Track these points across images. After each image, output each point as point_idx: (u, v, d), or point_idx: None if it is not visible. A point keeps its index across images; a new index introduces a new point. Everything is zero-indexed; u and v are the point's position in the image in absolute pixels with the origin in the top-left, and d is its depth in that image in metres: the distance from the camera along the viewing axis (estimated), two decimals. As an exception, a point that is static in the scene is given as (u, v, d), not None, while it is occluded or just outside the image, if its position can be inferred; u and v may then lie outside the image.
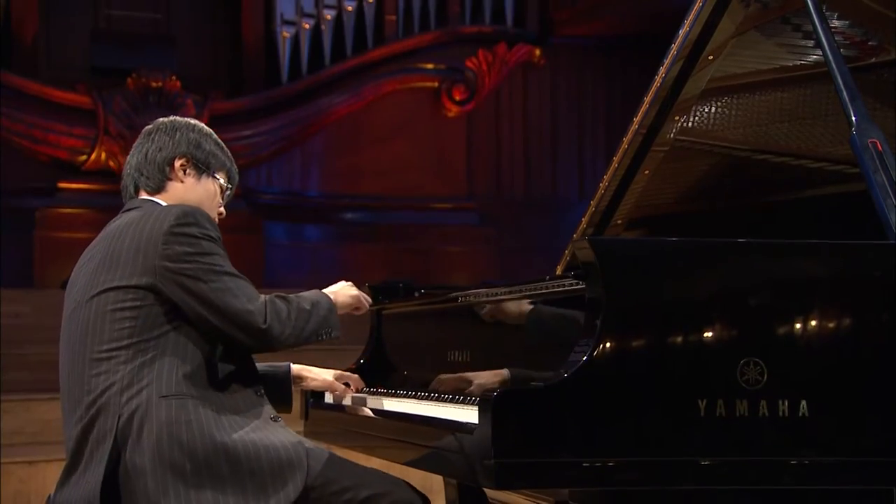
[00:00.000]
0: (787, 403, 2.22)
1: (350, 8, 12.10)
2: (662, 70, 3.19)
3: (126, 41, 12.01)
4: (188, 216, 2.51)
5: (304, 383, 3.02)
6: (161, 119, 2.82)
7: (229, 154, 2.84)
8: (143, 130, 2.80)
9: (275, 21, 11.89)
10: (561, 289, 2.43)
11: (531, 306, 2.58)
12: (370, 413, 2.89)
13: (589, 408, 2.15)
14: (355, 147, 11.96)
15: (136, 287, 2.47)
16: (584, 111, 12.66)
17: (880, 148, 2.53)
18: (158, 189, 2.70)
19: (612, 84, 12.24)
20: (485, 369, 2.75)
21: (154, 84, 11.18)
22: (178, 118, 2.82)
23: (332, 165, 11.99)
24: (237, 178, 2.86)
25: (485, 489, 3.17)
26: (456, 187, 12.27)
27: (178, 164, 2.71)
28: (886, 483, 2.27)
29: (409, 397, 2.78)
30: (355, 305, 2.85)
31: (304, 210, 11.81)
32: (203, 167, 2.74)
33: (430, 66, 12.24)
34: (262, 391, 2.63)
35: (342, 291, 2.82)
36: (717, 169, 3.58)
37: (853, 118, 2.58)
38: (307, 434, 3.31)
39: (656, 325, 2.21)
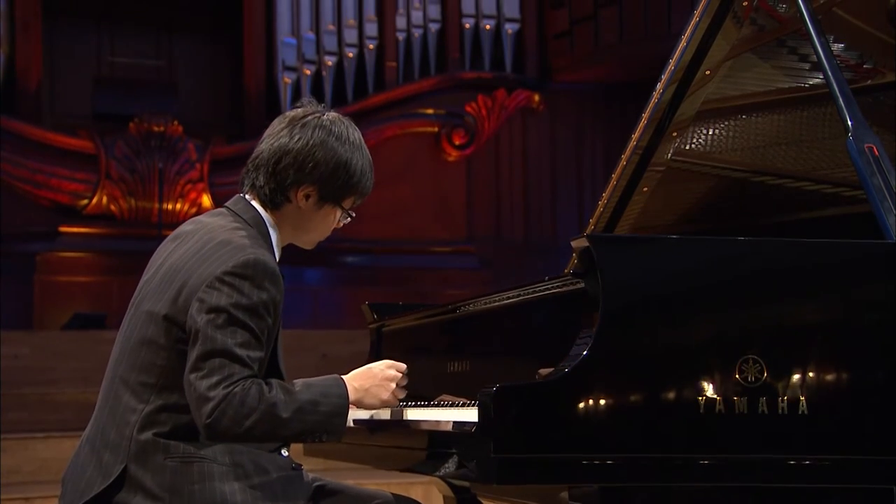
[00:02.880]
0: (786, 401, 2.23)
1: (351, 55, 12.20)
2: (660, 86, 3.22)
3: (129, 88, 12.11)
4: (249, 268, 2.33)
5: None
6: (311, 118, 2.53)
7: (367, 170, 2.56)
8: (289, 121, 2.54)
9: (276, 67, 11.99)
10: (561, 289, 2.44)
11: None
12: (369, 424, 2.88)
13: (588, 404, 2.16)
14: (356, 191, 12.01)
15: (172, 320, 2.36)
16: (583, 156, 12.73)
17: (877, 153, 2.56)
18: (272, 206, 2.52)
19: (611, 129, 12.31)
20: (485, 378, 2.76)
21: (156, 128, 11.26)
22: (326, 122, 2.53)
23: (333, 209, 12.00)
24: (370, 190, 2.60)
25: (482, 501, 3.16)
26: (456, 231, 12.30)
27: (301, 193, 2.50)
28: (886, 482, 2.27)
29: (409, 407, 2.78)
30: (380, 409, 2.59)
31: (305, 253, 11.74)
32: (328, 198, 2.52)
33: (430, 111, 12.32)
34: (287, 448, 2.51)
35: (374, 391, 2.52)
36: (716, 191, 3.60)
37: (849, 122, 2.61)
38: (306, 452, 3.30)
39: (655, 322, 2.22)
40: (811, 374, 2.25)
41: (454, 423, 2.36)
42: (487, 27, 12.54)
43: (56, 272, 11.05)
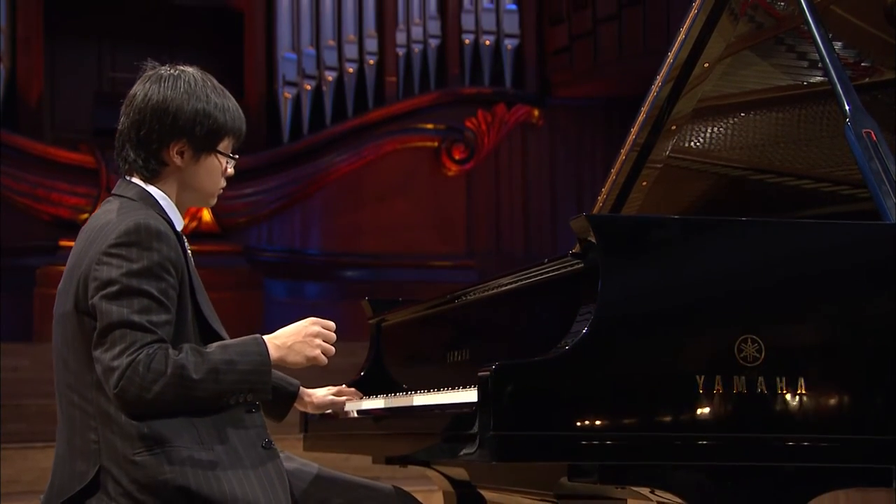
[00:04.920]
0: (784, 381, 2.23)
1: (351, 70, 12.25)
2: (659, 79, 3.24)
3: (129, 103, 12.14)
4: (131, 234, 2.31)
5: (306, 405, 2.94)
6: (153, 74, 2.47)
7: (232, 109, 2.49)
8: (140, 83, 2.48)
9: (277, 82, 12.03)
10: (560, 271, 2.44)
11: None
12: (371, 413, 2.88)
13: (587, 382, 2.16)
14: (356, 205, 12.03)
15: (81, 311, 2.34)
16: (583, 171, 12.76)
17: (874, 138, 2.58)
18: (152, 176, 2.46)
19: (611, 143, 12.33)
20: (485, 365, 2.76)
21: (156, 143, 11.27)
22: (167, 76, 2.46)
23: (333, 223, 12.05)
24: (244, 130, 2.53)
25: (484, 496, 3.16)
26: (455, 245, 12.31)
27: (173, 151, 2.44)
28: (885, 461, 2.27)
29: (411, 394, 2.77)
30: (308, 366, 2.47)
31: (305, 268, 11.85)
32: (202, 147, 2.45)
33: (429, 126, 12.35)
34: (256, 406, 2.43)
35: (297, 347, 2.44)
36: (715, 189, 3.62)
37: (847, 108, 2.63)
38: (307, 447, 3.30)
39: (654, 301, 2.23)
40: (810, 355, 2.26)
41: (454, 404, 2.37)
42: (487, 43, 12.59)
43: (56, 286, 10.92)
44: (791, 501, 2.27)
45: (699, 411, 2.21)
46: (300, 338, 2.46)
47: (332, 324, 2.53)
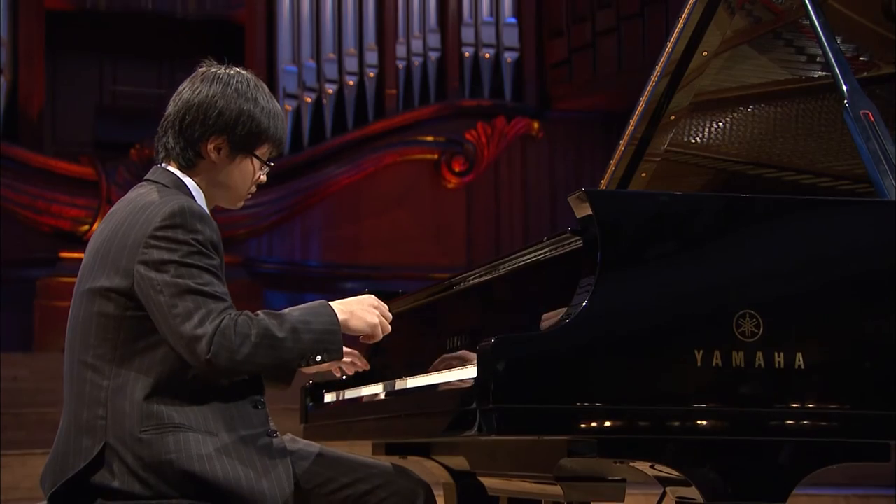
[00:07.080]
0: (782, 356, 2.23)
1: (351, 82, 12.30)
2: (658, 68, 3.26)
3: (130, 116, 12.20)
4: (176, 217, 2.35)
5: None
6: (209, 73, 2.53)
7: (277, 116, 2.55)
8: (190, 80, 2.54)
9: (277, 94, 12.07)
10: (559, 249, 2.45)
11: None
12: (369, 399, 2.88)
13: (588, 355, 2.16)
14: (356, 217, 12.06)
15: (116, 291, 2.36)
16: (582, 183, 12.76)
17: (872, 119, 2.59)
18: (188, 166, 2.50)
19: (610, 156, 12.34)
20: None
21: (157, 154, 11.31)
22: (224, 76, 2.52)
23: (333, 235, 12.08)
24: (284, 141, 2.59)
25: (485, 483, 3.15)
26: (455, 257, 12.32)
27: (211, 145, 2.48)
28: (883, 437, 2.27)
29: (406, 380, 2.78)
30: (369, 333, 2.51)
31: (305, 279, 11.87)
32: (240, 147, 2.50)
33: (429, 138, 12.40)
34: (262, 402, 2.49)
35: (359, 313, 2.49)
36: (714, 184, 3.63)
37: (844, 88, 2.64)
38: (307, 437, 3.30)
39: (654, 275, 2.22)
40: (808, 330, 2.26)
41: (453, 381, 2.36)
42: (487, 56, 12.64)
43: (56, 297, 11.07)
44: (789, 476, 2.26)
45: (697, 386, 2.20)
46: (363, 306, 2.51)
47: (385, 307, 2.59)
